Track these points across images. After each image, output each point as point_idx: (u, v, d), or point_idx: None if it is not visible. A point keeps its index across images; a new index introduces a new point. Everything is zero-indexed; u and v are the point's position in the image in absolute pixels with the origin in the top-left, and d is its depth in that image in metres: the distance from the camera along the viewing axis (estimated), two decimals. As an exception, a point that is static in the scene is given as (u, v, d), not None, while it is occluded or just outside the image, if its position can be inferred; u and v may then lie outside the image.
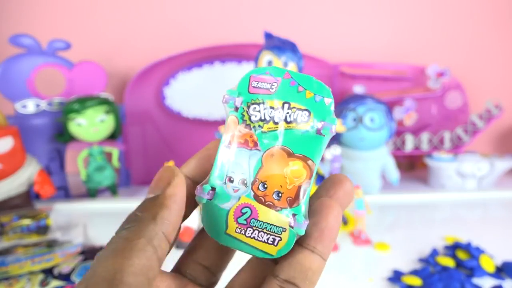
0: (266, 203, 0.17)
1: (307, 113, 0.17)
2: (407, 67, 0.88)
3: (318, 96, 0.17)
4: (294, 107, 0.17)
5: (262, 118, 0.17)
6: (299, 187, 0.17)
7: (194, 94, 0.84)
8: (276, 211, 0.17)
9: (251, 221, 0.17)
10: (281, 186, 0.17)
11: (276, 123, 0.17)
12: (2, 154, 0.60)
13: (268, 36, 0.64)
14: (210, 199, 0.17)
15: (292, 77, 0.17)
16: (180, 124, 0.85)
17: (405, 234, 0.58)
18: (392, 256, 0.51)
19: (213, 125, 0.83)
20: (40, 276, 0.46)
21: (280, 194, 0.17)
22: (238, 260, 0.21)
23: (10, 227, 0.55)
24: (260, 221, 0.17)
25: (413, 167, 0.92)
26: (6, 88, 0.69)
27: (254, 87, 0.18)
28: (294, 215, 0.17)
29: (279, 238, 0.17)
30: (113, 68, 0.86)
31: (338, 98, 0.86)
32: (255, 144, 0.17)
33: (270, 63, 0.62)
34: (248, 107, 0.18)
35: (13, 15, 0.82)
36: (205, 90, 0.84)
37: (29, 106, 0.70)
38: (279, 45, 0.62)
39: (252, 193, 0.17)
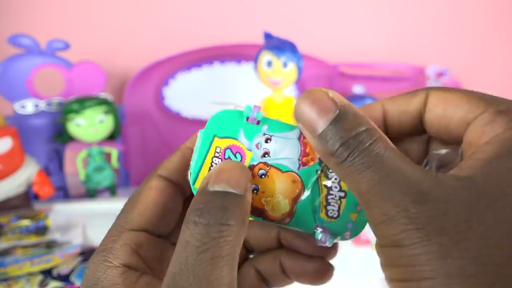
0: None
1: None
2: (407, 67, 0.87)
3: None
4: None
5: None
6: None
7: (194, 94, 0.84)
8: None
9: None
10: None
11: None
12: (0, 155, 0.60)
13: (268, 36, 0.64)
14: None
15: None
16: (180, 124, 0.85)
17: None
18: (392, 257, 0.51)
19: (213, 126, 0.83)
20: (39, 277, 0.46)
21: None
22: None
23: (9, 228, 0.55)
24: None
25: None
26: (5, 88, 0.68)
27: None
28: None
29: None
30: (112, 68, 0.86)
31: (337, 98, 0.86)
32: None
33: (269, 63, 0.62)
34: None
35: (12, 15, 0.82)
36: (205, 90, 0.84)
37: (28, 106, 0.70)
38: (278, 45, 0.62)
39: None
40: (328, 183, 0.18)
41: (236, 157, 0.18)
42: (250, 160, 0.18)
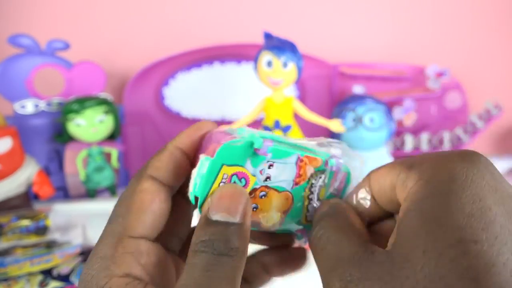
0: None
1: None
2: (407, 67, 0.88)
3: None
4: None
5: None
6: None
7: (194, 94, 0.84)
8: None
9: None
10: None
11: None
12: (0, 155, 0.60)
13: (268, 36, 0.64)
14: None
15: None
16: (180, 124, 0.85)
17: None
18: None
19: (213, 126, 0.83)
20: (39, 277, 0.46)
21: None
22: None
23: (9, 228, 0.55)
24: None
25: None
26: (5, 89, 0.68)
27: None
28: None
29: None
30: (112, 68, 0.86)
31: (337, 98, 0.86)
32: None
33: (269, 63, 0.62)
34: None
35: (12, 15, 0.82)
36: (205, 91, 0.84)
37: (28, 106, 0.70)
38: (278, 45, 0.62)
39: None
40: (311, 196, 0.21)
41: (241, 182, 0.19)
42: (253, 184, 0.20)
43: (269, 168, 0.20)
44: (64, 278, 0.46)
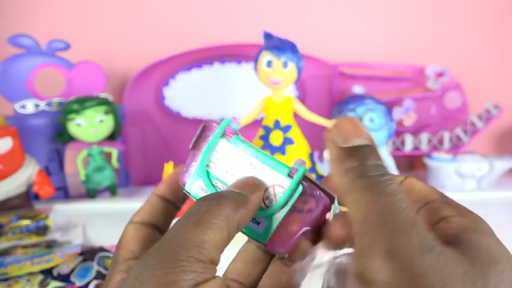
0: None
1: None
2: (407, 67, 0.88)
3: None
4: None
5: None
6: None
7: (194, 95, 0.84)
8: None
9: None
10: None
11: None
12: (1, 155, 0.60)
13: (268, 36, 0.64)
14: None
15: None
16: (180, 124, 0.85)
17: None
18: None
19: (213, 126, 0.83)
20: (40, 277, 0.46)
21: None
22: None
23: (9, 228, 0.55)
24: None
25: (412, 167, 0.92)
26: (5, 89, 0.69)
27: None
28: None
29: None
30: (113, 68, 0.86)
31: (337, 98, 0.86)
32: None
33: (269, 63, 0.62)
34: None
35: (12, 15, 0.82)
36: (205, 91, 0.84)
37: (28, 106, 0.70)
38: (278, 45, 0.62)
39: None
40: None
41: None
42: None
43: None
44: (65, 278, 0.46)
